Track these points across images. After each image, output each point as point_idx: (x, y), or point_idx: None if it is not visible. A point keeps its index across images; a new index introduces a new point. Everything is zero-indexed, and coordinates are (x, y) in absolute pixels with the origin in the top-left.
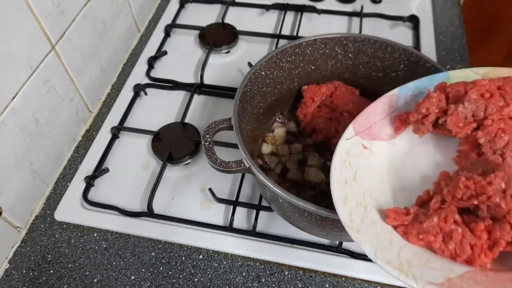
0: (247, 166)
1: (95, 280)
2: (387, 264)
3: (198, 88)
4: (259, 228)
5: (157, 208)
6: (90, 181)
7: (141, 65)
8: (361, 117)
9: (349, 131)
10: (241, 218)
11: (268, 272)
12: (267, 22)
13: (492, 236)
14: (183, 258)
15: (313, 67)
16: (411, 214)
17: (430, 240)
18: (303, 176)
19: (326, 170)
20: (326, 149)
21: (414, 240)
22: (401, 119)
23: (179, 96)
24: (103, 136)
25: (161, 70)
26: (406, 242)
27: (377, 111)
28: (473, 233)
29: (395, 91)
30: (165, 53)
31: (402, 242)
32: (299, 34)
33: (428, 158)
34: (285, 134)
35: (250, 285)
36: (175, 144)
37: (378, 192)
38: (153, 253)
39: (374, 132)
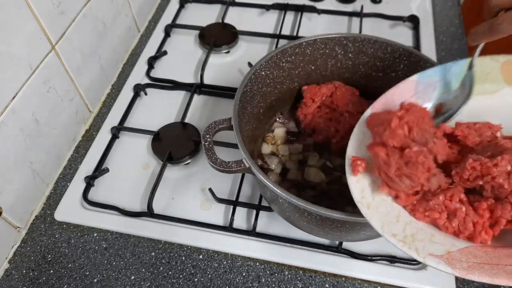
0: (247, 166)
1: (95, 280)
2: (392, 236)
3: (198, 88)
4: (259, 228)
5: (157, 208)
6: (90, 181)
7: (141, 65)
8: (380, 100)
9: (368, 112)
10: (241, 218)
11: (268, 272)
12: (267, 22)
13: (494, 215)
14: (183, 258)
15: (313, 67)
16: (419, 194)
17: (435, 217)
18: (303, 176)
19: (326, 170)
20: (326, 149)
21: (421, 217)
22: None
23: (179, 96)
24: (103, 136)
25: (161, 70)
26: (413, 218)
27: (395, 97)
28: (476, 212)
29: (414, 77)
30: (165, 53)
31: (409, 218)
32: (299, 34)
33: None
34: (285, 134)
35: (250, 285)
36: (175, 144)
37: None
38: (153, 253)
39: None
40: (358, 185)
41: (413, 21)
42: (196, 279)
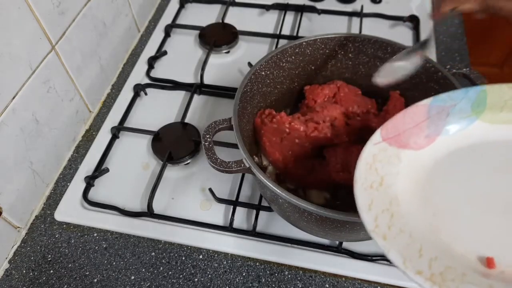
0: (247, 166)
1: (95, 280)
2: (418, 273)
3: (198, 88)
4: (259, 228)
5: (157, 208)
6: (90, 181)
7: (141, 65)
8: (390, 124)
9: (376, 136)
10: (241, 218)
11: (268, 272)
12: (267, 22)
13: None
14: (183, 258)
15: (313, 67)
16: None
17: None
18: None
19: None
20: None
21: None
22: None
23: (179, 96)
24: (103, 136)
25: (161, 70)
26: (438, 254)
27: (406, 120)
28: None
29: (427, 101)
30: (165, 53)
31: (433, 254)
32: (299, 34)
33: (457, 169)
34: None
35: (250, 285)
36: (175, 144)
37: (406, 201)
38: (153, 253)
39: (403, 140)
40: (371, 213)
41: (413, 21)
42: (196, 279)
